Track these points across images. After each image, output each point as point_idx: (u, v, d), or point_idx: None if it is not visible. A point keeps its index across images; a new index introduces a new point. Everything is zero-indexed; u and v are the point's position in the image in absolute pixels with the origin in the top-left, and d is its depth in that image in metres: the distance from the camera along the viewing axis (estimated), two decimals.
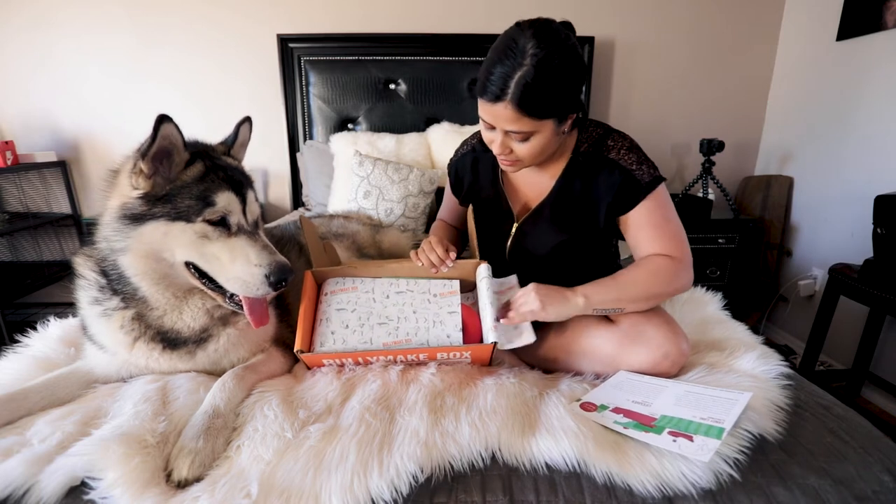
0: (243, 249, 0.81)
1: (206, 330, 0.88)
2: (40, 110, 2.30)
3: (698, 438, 0.68)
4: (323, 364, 0.91)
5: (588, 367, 0.94)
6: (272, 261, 0.81)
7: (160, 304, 0.84)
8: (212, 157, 0.84)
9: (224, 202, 0.80)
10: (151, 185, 0.77)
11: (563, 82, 0.85)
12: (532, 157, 0.94)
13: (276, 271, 0.81)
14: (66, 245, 2.45)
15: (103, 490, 0.62)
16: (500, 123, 0.89)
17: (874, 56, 1.95)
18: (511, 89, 0.83)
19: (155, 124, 0.72)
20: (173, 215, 0.77)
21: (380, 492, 0.63)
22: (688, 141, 2.53)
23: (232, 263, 0.80)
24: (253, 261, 0.80)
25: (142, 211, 0.77)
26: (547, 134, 0.90)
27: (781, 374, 0.89)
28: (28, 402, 0.80)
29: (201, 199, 0.78)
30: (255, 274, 0.80)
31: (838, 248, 2.11)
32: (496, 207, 1.12)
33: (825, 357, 2.16)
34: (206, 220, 0.78)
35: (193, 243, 0.79)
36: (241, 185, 0.84)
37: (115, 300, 0.84)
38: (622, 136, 1.00)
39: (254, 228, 0.85)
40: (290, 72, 2.29)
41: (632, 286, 0.92)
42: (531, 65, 0.82)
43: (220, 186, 0.80)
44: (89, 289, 0.86)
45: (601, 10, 2.35)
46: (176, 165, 0.78)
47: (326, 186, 2.11)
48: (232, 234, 0.81)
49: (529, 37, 0.82)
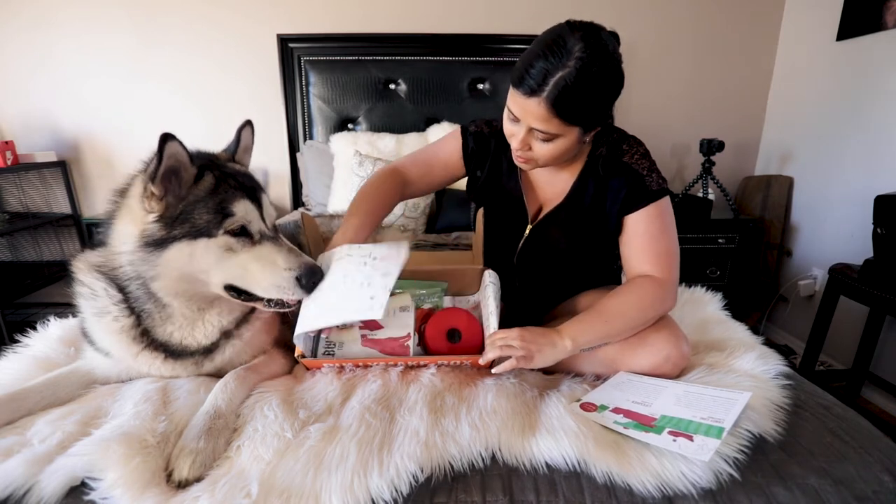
0: (270, 255, 0.80)
1: (213, 344, 0.88)
2: (40, 110, 2.30)
3: (698, 438, 0.68)
4: (322, 367, 0.92)
5: (589, 369, 0.94)
6: (301, 263, 0.82)
7: (179, 319, 0.83)
8: (219, 167, 0.82)
9: (242, 210, 0.79)
10: (164, 207, 0.75)
11: (601, 92, 0.83)
12: (548, 159, 0.92)
13: (306, 273, 0.81)
14: (66, 245, 2.45)
15: (104, 490, 0.62)
16: (527, 119, 0.86)
17: (874, 56, 1.95)
18: (549, 87, 0.81)
19: (159, 144, 0.70)
20: (193, 234, 0.75)
21: (380, 492, 0.63)
22: (688, 141, 2.53)
23: (262, 272, 0.79)
24: (282, 265, 0.80)
25: (161, 235, 0.75)
26: (571, 139, 0.88)
27: (781, 374, 0.89)
28: (28, 401, 0.80)
29: (218, 212, 0.77)
30: (287, 278, 0.80)
31: (838, 248, 2.11)
32: (511, 205, 1.08)
33: (825, 357, 2.16)
34: (227, 232, 0.77)
35: (221, 259, 0.77)
36: (254, 190, 0.83)
37: (126, 316, 0.82)
38: (637, 141, 0.99)
39: (274, 233, 0.84)
40: (290, 72, 2.29)
41: (617, 320, 0.89)
42: (574, 67, 0.79)
43: (235, 195, 0.79)
44: (94, 299, 0.83)
45: (601, 10, 2.35)
46: (185, 182, 0.76)
47: (326, 186, 2.11)
48: (256, 243, 0.80)
49: (578, 39, 0.80)
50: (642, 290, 0.91)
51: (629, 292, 0.91)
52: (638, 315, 0.89)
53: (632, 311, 0.89)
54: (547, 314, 1.15)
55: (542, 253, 1.06)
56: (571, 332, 0.87)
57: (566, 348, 0.86)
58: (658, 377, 0.88)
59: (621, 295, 0.91)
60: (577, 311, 0.93)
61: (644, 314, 0.90)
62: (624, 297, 0.91)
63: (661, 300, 0.91)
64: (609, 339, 0.90)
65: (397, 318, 0.99)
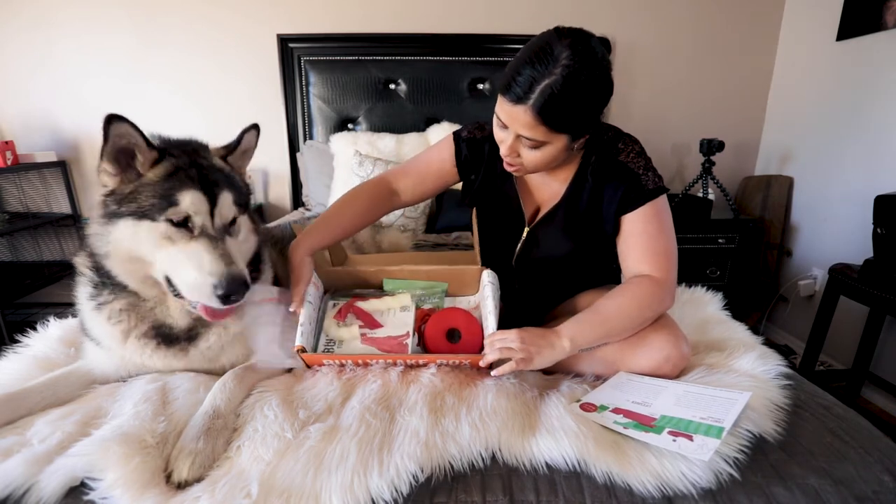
0: (198, 255, 0.75)
1: (192, 328, 0.87)
2: (40, 110, 2.30)
3: (698, 438, 0.68)
4: (323, 363, 0.92)
5: (588, 370, 0.94)
6: (224, 272, 0.74)
7: (150, 297, 0.84)
8: (192, 157, 0.81)
9: (188, 202, 0.76)
10: (118, 183, 0.77)
11: (588, 100, 0.83)
12: (537, 166, 0.92)
13: (225, 283, 0.74)
14: (66, 245, 2.45)
15: (103, 490, 0.62)
16: (514, 126, 0.86)
17: (874, 56, 1.95)
18: (535, 95, 0.81)
19: (104, 125, 0.72)
20: (139, 214, 0.76)
21: (380, 491, 0.63)
22: (688, 141, 2.53)
23: (186, 269, 0.75)
24: (205, 268, 0.74)
25: (112, 209, 0.77)
26: (558, 147, 0.88)
27: (781, 374, 0.89)
28: (28, 401, 0.80)
29: (164, 198, 0.75)
30: (205, 283, 0.74)
31: (838, 248, 2.11)
32: (506, 208, 1.08)
33: (825, 357, 2.16)
34: (168, 220, 0.76)
35: (159, 246, 0.76)
36: (214, 185, 0.79)
37: (106, 293, 0.84)
38: (633, 140, 0.99)
39: (220, 234, 0.79)
40: (290, 72, 2.29)
41: (616, 319, 0.89)
42: (561, 75, 0.79)
43: (186, 185, 0.76)
44: (86, 285, 0.87)
45: (601, 10, 2.35)
46: (142, 163, 0.77)
47: (326, 186, 2.11)
48: (193, 238, 0.77)
49: (566, 46, 0.79)
50: (640, 290, 0.91)
51: (627, 292, 0.91)
52: (636, 315, 0.89)
53: (630, 311, 0.89)
54: (547, 314, 1.15)
55: (539, 255, 1.06)
56: (570, 332, 0.87)
57: (565, 349, 0.86)
58: (658, 377, 0.88)
59: (619, 295, 0.91)
60: (576, 311, 0.93)
61: (642, 314, 0.89)
62: (622, 298, 0.90)
63: (659, 300, 0.91)
64: (608, 339, 0.90)
65: (397, 317, 0.99)
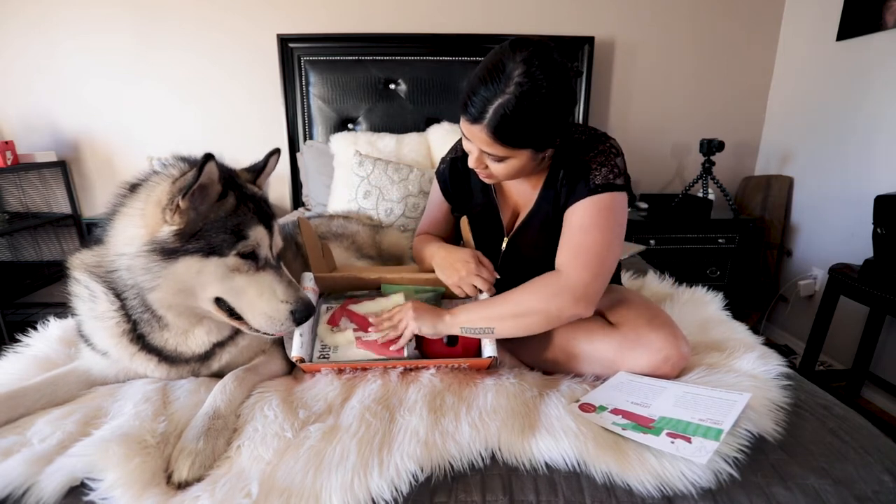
0: (270, 285, 0.80)
1: (209, 353, 0.88)
2: (40, 110, 2.30)
3: (696, 440, 0.68)
4: (321, 370, 0.92)
5: (588, 370, 0.94)
6: (297, 298, 0.82)
7: (174, 329, 0.84)
8: (240, 187, 0.82)
9: (256, 236, 0.79)
10: (186, 222, 0.74)
11: (545, 116, 0.82)
12: (507, 175, 0.93)
13: (301, 308, 0.81)
14: (66, 245, 2.45)
15: (103, 491, 0.62)
16: (475, 142, 0.88)
17: (874, 56, 1.95)
18: (489, 115, 0.81)
19: (201, 163, 0.70)
20: (206, 251, 0.75)
21: (380, 491, 0.63)
22: (688, 141, 2.53)
23: (259, 298, 0.79)
24: (280, 297, 0.80)
25: (174, 247, 0.74)
26: (523, 160, 0.88)
27: (781, 374, 0.89)
28: (27, 400, 0.80)
29: (235, 233, 0.76)
30: (282, 310, 0.80)
31: (838, 248, 2.11)
32: (487, 218, 1.09)
33: (825, 357, 2.16)
34: (238, 254, 0.77)
35: (225, 277, 0.77)
36: (269, 217, 0.84)
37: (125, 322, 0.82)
38: (604, 141, 0.94)
39: (277, 262, 0.84)
40: (290, 72, 2.29)
41: (500, 302, 0.90)
42: (513, 94, 0.78)
43: (252, 220, 0.79)
44: (94, 302, 0.83)
45: (601, 10, 2.35)
46: (209, 199, 0.76)
47: (326, 186, 2.11)
48: (259, 269, 0.80)
49: (519, 63, 0.78)
50: (540, 282, 0.91)
51: (530, 283, 0.91)
52: (524, 300, 0.89)
53: (520, 295, 0.90)
54: None
55: (521, 262, 1.06)
56: (457, 309, 0.92)
57: (445, 322, 0.91)
58: (658, 377, 0.88)
59: (524, 285, 0.92)
60: None
61: (529, 300, 0.89)
62: (522, 287, 0.91)
63: (553, 292, 0.88)
64: (491, 323, 0.90)
65: None
